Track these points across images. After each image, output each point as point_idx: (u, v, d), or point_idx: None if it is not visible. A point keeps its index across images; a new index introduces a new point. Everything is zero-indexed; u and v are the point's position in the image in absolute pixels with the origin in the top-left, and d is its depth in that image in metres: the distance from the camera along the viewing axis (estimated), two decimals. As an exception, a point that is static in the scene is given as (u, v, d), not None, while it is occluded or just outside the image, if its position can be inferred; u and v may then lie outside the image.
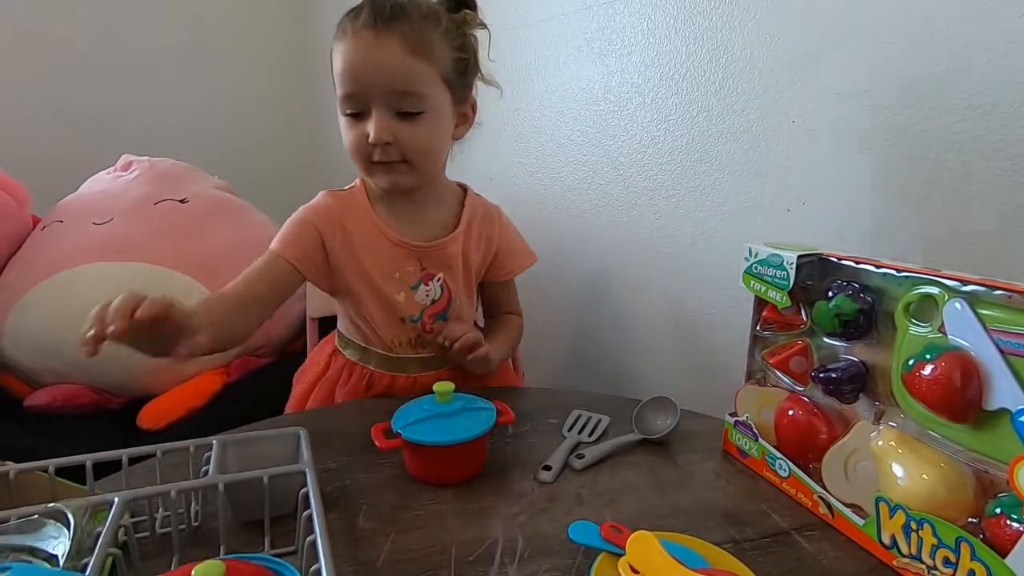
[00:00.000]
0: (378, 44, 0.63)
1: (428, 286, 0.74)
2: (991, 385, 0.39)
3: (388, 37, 0.63)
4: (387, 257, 0.73)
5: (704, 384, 0.91)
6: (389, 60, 0.63)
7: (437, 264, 0.75)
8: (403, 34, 0.63)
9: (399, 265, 0.73)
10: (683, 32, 0.87)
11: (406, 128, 0.66)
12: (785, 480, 0.54)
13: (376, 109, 0.65)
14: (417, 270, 0.74)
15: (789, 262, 0.53)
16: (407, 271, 0.73)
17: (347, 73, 0.65)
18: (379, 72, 0.64)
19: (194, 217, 1.17)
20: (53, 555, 0.36)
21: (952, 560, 0.40)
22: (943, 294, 0.43)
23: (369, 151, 0.66)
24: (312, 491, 0.41)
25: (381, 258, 0.73)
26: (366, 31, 0.63)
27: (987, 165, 0.61)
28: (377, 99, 0.65)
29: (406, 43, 0.63)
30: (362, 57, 0.64)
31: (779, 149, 0.78)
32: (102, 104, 1.59)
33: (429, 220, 0.75)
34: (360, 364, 0.77)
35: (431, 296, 0.75)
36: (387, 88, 0.64)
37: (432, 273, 0.74)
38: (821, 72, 0.73)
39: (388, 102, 0.65)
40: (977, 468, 0.42)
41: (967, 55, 0.61)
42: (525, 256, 0.84)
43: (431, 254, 0.74)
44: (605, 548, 0.42)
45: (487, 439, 0.57)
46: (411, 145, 0.67)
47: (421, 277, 0.74)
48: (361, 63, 0.64)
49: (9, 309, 1.02)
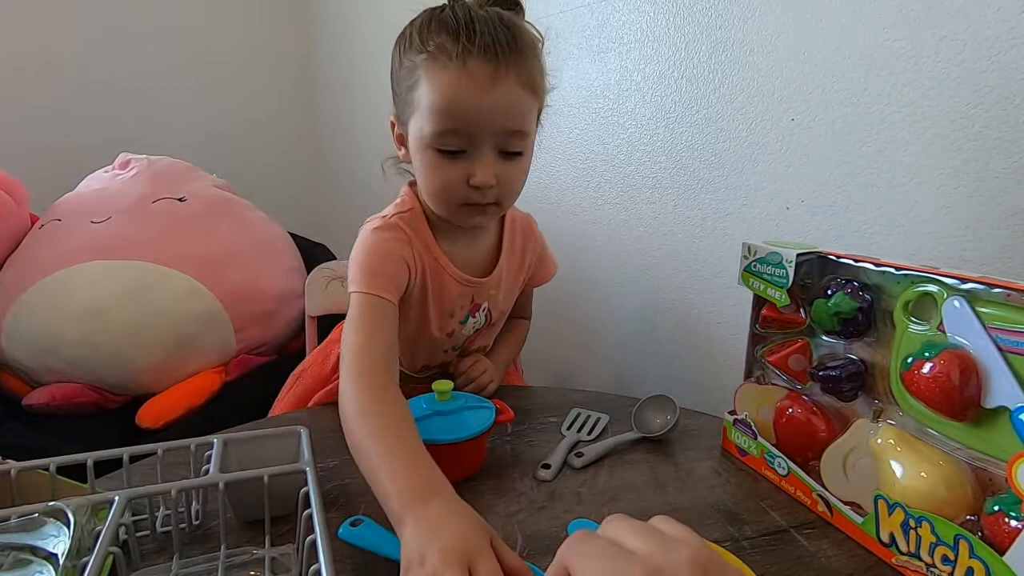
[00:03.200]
0: (497, 81, 0.55)
1: (475, 317, 0.72)
2: (990, 383, 0.40)
3: (507, 73, 0.55)
4: (449, 297, 0.68)
5: (703, 382, 0.92)
6: (506, 99, 0.56)
7: (484, 294, 0.72)
8: (519, 69, 0.56)
9: (457, 303, 0.70)
10: (682, 30, 0.87)
11: (508, 169, 0.60)
12: (784, 478, 0.54)
13: (483, 149, 0.58)
14: (467, 304, 0.71)
15: (788, 260, 0.53)
16: (461, 307, 0.70)
17: (455, 109, 0.55)
18: (496, 112, 0.56)
19: (193, 216, 1.17)
20: (53, 554, 0.36)
21: (951, 558, 0.40)
22: (942, 292, 0.43)
23: (467, 195, 0.59)
24: (312, 490, 0.41)
25: (445, 298, 0.68)
26: (481, 64, 0.54)
27: (987, 161, 0.61)
28: (486, 139, 0.57)
29: (522, 80, 0.56)
30: (477, 93, 0.55)
31: (778, 147, 0.78)
32: (100, 102, 1.59)
33: (480, 247, 0.71)
34: None
35: (476, 325, 0.73)
36: (500, 129, 0.57)
37: (479, 304, 0.72)
38: (820, 70, 0.73)
39: (496, 142, 0.58)
40: (976, 466, 0.42)
41: (967, 52, 0.61)
42: (549, 267, 0.82)
43: (482, 286, 0.71)
44: (605, 546, 0.43)
45: (486, 437, 0.57)
46: (509, 188, 0.61)
47: (470, 310, 0.71)
48: (476, 101, 0.55)
49: (8, 308, 1.02)
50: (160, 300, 1.02)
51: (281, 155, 1.91)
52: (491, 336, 0.79)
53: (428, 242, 0.66)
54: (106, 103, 1.59)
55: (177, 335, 1.03)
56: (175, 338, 1.03)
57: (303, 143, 1.95)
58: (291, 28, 1.88)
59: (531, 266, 0.78)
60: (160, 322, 1.02)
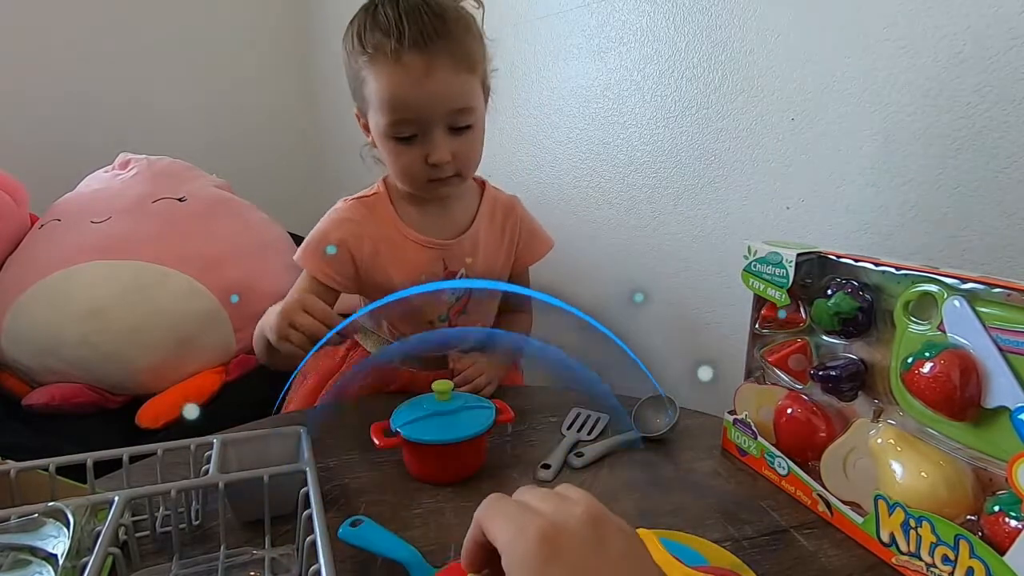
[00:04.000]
0: (432, 70, 0.60)
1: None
2: (990, 383, 0.40)
3: (438, 59, 0.60)
4: (413, 262, 0.73)
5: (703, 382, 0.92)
6: (445, 84, 0.61)
7: (459, 261, 0.75)
8: (451, 53, 0.61)
9: (425, 268, 0.73)
10: (683, 29, 0.87)
11: (462, 143, 0.66)
12: (784, 478, 0.54)
13: (435, 130, 0.64)
14: (441, 270, 0.74)
15: (788, 260, 0.53)
16: (432, 273, 0.73)
17: (398, 101, 0.62)
18: (436, 97, 0.62)
19: (193, 216, 1.17)
20: (52, 554, 0.36)
21: (951, 558, 0.40)
22: (942, 292, 0.43)
23: (428, 172, 0.66)
24: (312, 490, 0.41)
25: (407, 264, 0.73)
26: (414, 56, 0.60)
27: (987, 162, 0.61)
28: (434, 121, 0.63)
29: (455, 61, 0.61)
30: (415, 84, 0.60)
31: (778, 147, 0.78)
32: (100, 102, 1.58)
33: (452, 217, 0.76)
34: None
35: (456, 294, 0.75)
36: (444, 110, 0.63)
37: (454, 272, 0.74)
38: (820, 70, 0.73)
39: (445, 122, 0.64)
40: (976, 466, 0.42)
41: (967, 52, 0.61)
42: (543, 242, 0.84)
43: (453, 250, 0.74)
44: (605, 546, 0.42)
45: (486, 437, 0.57)
46: (466, 159, 0.67)
47: (444, 277, 0.74)
48: (416, 91, 0.61)
49: (7, 308, 1.02)
50: (160, 300, 1.02)
51: (281, 155, 1.91)
52: (484, 313, 0.80)
53: (387, 218, 0.73)
54: (106, 103, 1.59)
55: (177, 335, 1.03)
56: (175, 338, 1.03)
57: (303, 143, 1.94)
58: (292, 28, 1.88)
59: (517, 242, 0.81)
60: (160, 322, 1.02)
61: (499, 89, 0.75)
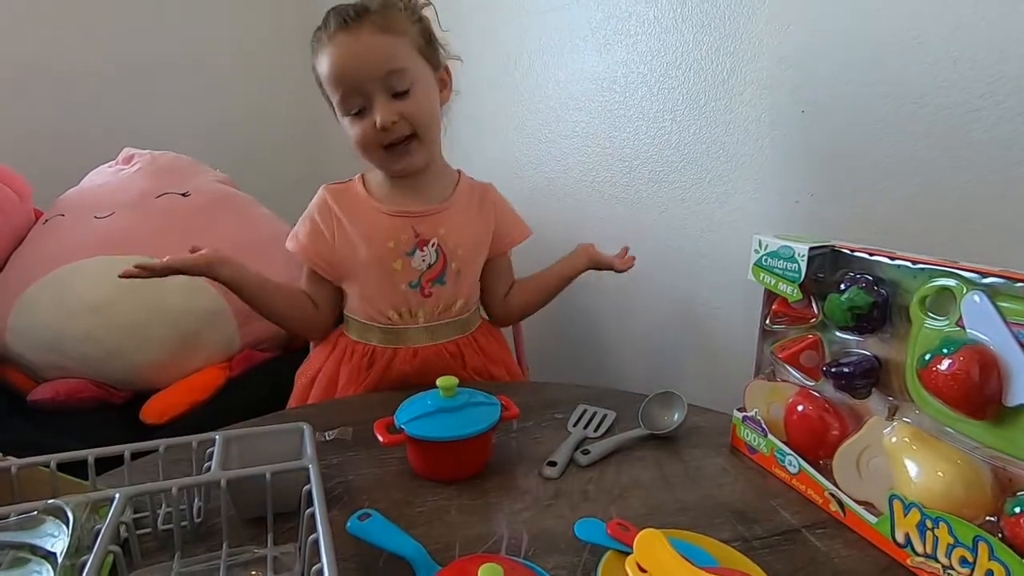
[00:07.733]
0: (354, 39, 0.69)
1: (423, 251, 0.77)
2: (1011, 380, 0.38)
3: (360, 29, 0.68)
4: (381, 228, 0.76)
5: (712, 379, 0.91)
6: (368, 47, 0.69)
7: (431, 230, 0.77)
8: (372, 22, 0.69)
9: (393, 234, 0.76)
10: (690, 20, 0.86)
11: (407, 105, 0.71)
12: (795, 477, 0.53)
13: (377, 97, 0.70)
14: (411, 237, 0.76)
15: (800, 254, 0.52)
16: (402, 239, 0.76)
17: (336, 75, 0.70)
18: (364, 61, 0.69)
19: (196, 211, 1.16)
20: (52, 552, 0.35)
21: (969, 560, 0.39)
22: (961, 286, 0.41)
23: (380, 138, 0.71)
24: (315, 488, 0.40)
25: (376, 230, 0.76)
26: (339, 34, 0.69)
27: (1004, 154, 0.59)
28: (372, 88, 0.70)
29: (376, 27, 0.69)
30: (344, 55, 0.69)
31: (788, 140, 0.77)
32: (103, 97, 1.58)
33: (426, 194, 0.79)
34: (362, 343, 0.78)
35: (427, 261, 0.77)
36: (376, 74, 0.69)
37: (426, 239, 0.77)
38: (831, 61, 0.71)
39: (382, 87, 0.70)
40: (995, 465, 0.41)
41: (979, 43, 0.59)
42: (521, 228, 0.87)
43: (425, 220, 0.77)
44: (612, 546, 0.42)
45: (491, 434, 0.56)
46: (415, 117, 0.71)
47: (416, 243, 0.76)
48: (345, 60, 0.69)
49: (12, 303, 1.02)
50: (164, 296, 1.01)
51: (285, 150, 1.91)
52: (460, 287, 0.80)
53: (359, 196, 0.79)
54: (109, 98, 1.59)
55: (181, 331, 1.03)
56: (179, 334, 1.03)
57: (306, 138, 1.94)
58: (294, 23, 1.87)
59: (495, 222, 0.84)
60: (164, 318, 1.01)
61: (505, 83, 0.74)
